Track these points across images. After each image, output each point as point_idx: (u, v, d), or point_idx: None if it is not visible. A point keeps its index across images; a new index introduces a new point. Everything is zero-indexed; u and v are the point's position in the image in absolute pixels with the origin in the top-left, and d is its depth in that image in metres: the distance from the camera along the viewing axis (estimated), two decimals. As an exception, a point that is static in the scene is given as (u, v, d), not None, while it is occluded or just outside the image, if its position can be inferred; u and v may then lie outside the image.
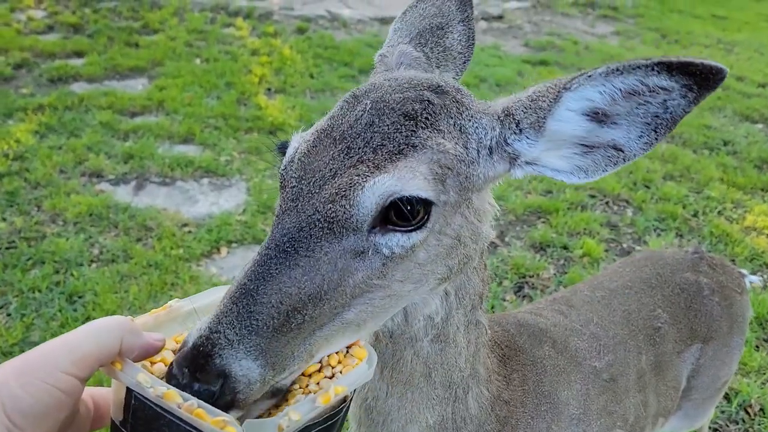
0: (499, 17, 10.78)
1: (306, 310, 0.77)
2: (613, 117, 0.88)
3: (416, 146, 0.84)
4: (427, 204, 0.83)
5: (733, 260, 4.14)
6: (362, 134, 0.84)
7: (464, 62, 1.19)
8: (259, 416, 0.80)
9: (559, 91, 0.88)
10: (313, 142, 0.87)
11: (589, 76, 0.85)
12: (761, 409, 2.96)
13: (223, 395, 0.72)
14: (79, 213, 4.03)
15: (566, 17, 11.52)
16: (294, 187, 0.83)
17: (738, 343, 2.00)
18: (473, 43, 1.20)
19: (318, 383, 0.83)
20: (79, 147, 4.82)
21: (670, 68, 0.80)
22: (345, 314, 0.82)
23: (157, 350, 0.78)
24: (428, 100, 0.88)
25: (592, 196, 4.83)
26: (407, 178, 0.81)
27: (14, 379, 0.64)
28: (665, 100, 0.83)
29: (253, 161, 4.96)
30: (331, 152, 0.84)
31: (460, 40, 1.19)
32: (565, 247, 4.13)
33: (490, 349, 1.25)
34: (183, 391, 0.71)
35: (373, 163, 0.82)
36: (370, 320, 0.87)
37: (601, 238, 4.25)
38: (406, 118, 0.86)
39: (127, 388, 0.73)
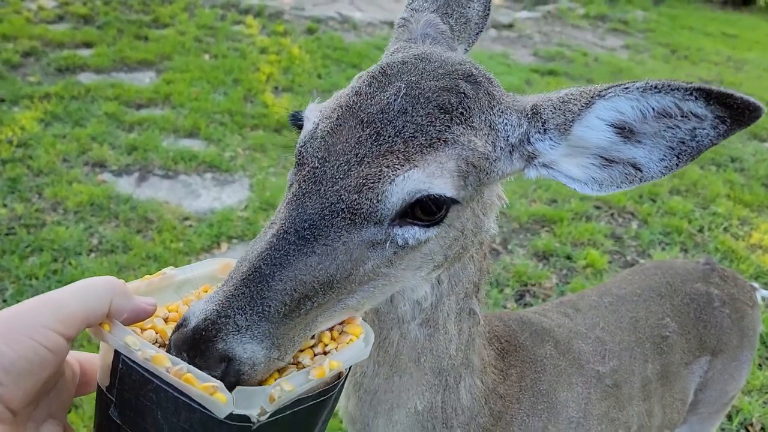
0: (510, 26, 10.77)
1: (316, 297, 0.75)
2: (638, 135, 0.85)
3: (448, 141, 0.81)
4: (449, 201, 0.81)
5: (738, 277, 4.09)
6: (394, 121, 0.80)
7: (478, 33, 1.16)
8: None
9: (592, 97, 0.86)
10: (337, 120, 0.82)
11: (626, 88, 0.83)
12: (762, 428, 2.92)
13: (227, 376, 0.69)
14: (80, 202, 4.00)
15: (576, 29, 11.51)
16: (316, 168, 0.79)
17: (747, 358, 1.96)
18: (489, 14, 1.17)
19: (312, 357, 0.80)
20: (83, 136, 4.79)
21: (708, 96, 0.78)
22: (348, 300, 0.80)
23: (148, 315, 0.75)
24: (464, 93, 0.85)
25: (598, 207, 4.79)
26: (436, 175, 0.79)
27: None
28: (695, 128, 0.81)
29: (257, 158, 4.93)
30: (358, 135, 0.80)
31: (478, 10, 1.15)
32: (568, 257, 4.09)
33: (488, 341, 1.22)
34: None
35: (404, 155, 0.78)
36: (367, 304, 0.85)
37: (605, 250, 4.21)
38: (442, 110, 0.82)
39: (115, 352, 0.69)
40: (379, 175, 0.77)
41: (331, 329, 0.84)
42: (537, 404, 1.33)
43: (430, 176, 0.78)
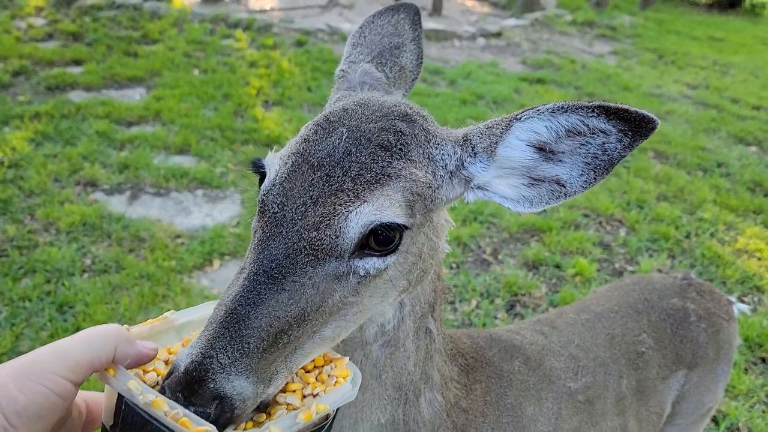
0: (498, 34, 10.86)
1: (291, 330, 0.81)
2: (558, 155, 0.94)
3: (392, 176, 0.88)
4: (401, 228, 0.88)
5: (724, 282, 4.15)
6: (340, 163, 0.87)
7: (413, 80, 1.25)
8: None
9: (510, 121, 0.95)
10: (292, 166, 0.89)
11: (538, 111, 0.92)
12: (749, 433, 2.97)
13: (223, 414, 0.75)
14: (73, 222, 4.03)
15: (564, 36, 11.62)
16: (276, 213, 0.85)
17: (724, 371, 2.00)
18: (422, 62, 1.26)
19: (302, 399, 0.85)
20: (74, 156, 4.83)
21: (608, 112, 0.87)
22: (323, 331, 0.86)
23: (150, 359, 0.81)
24: (401, 131, 0.93)
25: (586, 216, 4.85)
26: (385, 207, 0.86)
27: (11, 380, 0.67)
28: (604, 143, 0.90)
29: (248, 173, 4.96)
30: (311, 178, 0.87)
31: (411, 59, 1.24)
32: (557, 266, 4.14)
33: (450, 357, 1.28)
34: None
35: (353, 192, 0.85)
36: (342, 333, 0.91)
37: (594, 258, 4.27)
38: (382, 149, 0.90)
39: (119, 394, 0.75)
40: (333, 213, 0.83)
41: (319, 372, 0.90)
42: (502, 418, 1.38)
43: (379, 208, 0.85)
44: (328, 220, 0.83)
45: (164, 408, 0.72)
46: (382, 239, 0.86)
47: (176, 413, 0.72)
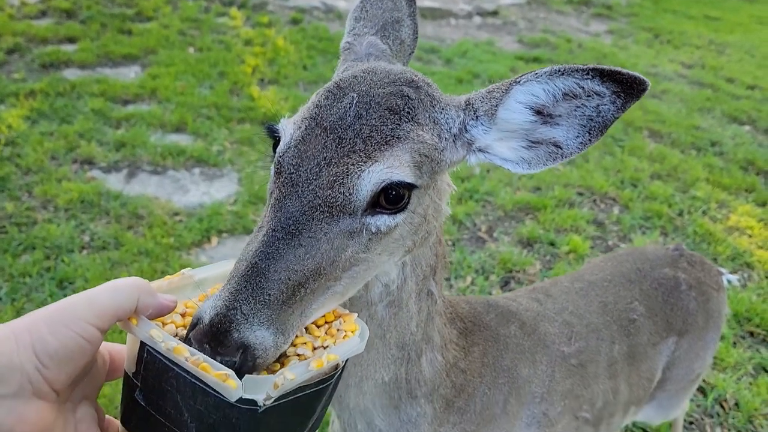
0: (494, 13, 10.81)
1: (308, 283, 0.85)
2: (555, 118, 0.98)
3: (400, 137, 0.93)
4: (410, 188, 0.93)
5: (715, 259, 4.22)
6: (352, 126, 0.92)
7: (410, 54, 1.30)
8: None
9: (510, 84, 1.00)
10: (305, 130, 0.94)
11: (536, 74, 0.97)
12: (736, 404, 3.04)
13: (245, 362, 0.79)
14: (71, 200, 4.05)
15: (560, 14, 11.57)
16: (292, 173, 0.90)
17: (713, 338, 2.07)
18: (417, 37, 1.32)
19: (313, 351, 0.89)
20: (70, 134, 4.83)
21: (602, 74, 0.92)
22: (336, 286, 0.91)
23: (170, 310, 0.86)
24: (408, 96, 0.97)
25: (580, 194, 4.89)
26: (395, 166, 0.90)
27: (44, 325, 0.72)
28: (598, 105, 0.94)
29: (245, 152, 4.98)
30: (324, 141, 0.91)
31: (409, 33, 1.29)
32: (551, 244, 4.19)
33: (449, 320, 1.33)
34: None
35: (365, 153, 0.90)
36: (352, 289, 0.96)
37: (587, 235, 4.32)
38: (391, 112, 0.94)
39: (141, 343, 0.79)
40: (347, 172, 0.88)
41: (329, 327, 0.94)
42: (498, 378, 1.44)
43: (389, 167, 0.90)
44: (342, 179, 0.88)
45: (185, 354, 0.76)
46: (392, 197, 0.91)
47: (196, 359, 0.76)
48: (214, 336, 0.78)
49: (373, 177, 0.89)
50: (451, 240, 4.15)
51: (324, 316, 0.95)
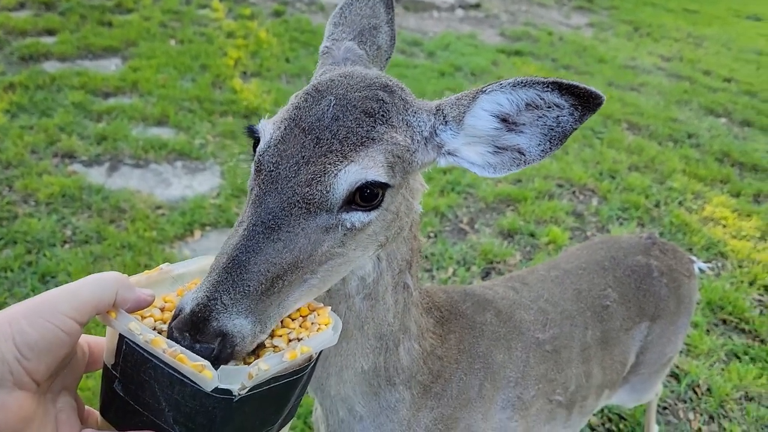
0: (476, 5, 10.85)
1: (285, 276, 0.90)
2: (519, 126, 1.05)
3: (375, 139, 0.98)
4: (384, 187, 0.98)
5: (690, 249, 4.31)
6: (329, 127, 0.96)
7: (387, 59, 1.35)
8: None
9: (477, 93, 1.05)
10: (285, 130, 0.98)
11: (501, 84, 1.02)
12: (708, 389, 3.13)
13: (224, 350, 0.83)
14: (52, 194, 4.03)
15: (542, 7, 11.64)
16: (271, 171, 0.94)
17: (684, 323, 2.14)
18: (395, 43, 1.36)
19: (287, 343, 0.93)
20: (51, 127, 4.79)
21: (561, 88, 0.98)
22: (312, 279, 0.95)
23: (148, 304, 0.88)
24: (382, 99, 1.02)
25: (560, 186, 4.97)
26: (370, 166, 0.95)
27: (24, 317, 0.75)
28: (558, 116, 1.00)
29: (227, 145, 4.98)
30: (302, 141, 0.95)
31: (386, 39, 1.35)
32: (532, 235, 4.26)
33: (426, 310, 1.39)
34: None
35: (341, 153, 0.94)
36: (328, 282, 1.00)
37: (567, 227, 4.39)
38: (366, 115, 0.99)
39: (120, 335, 0.82)
40: (324, 171, 0.92)
41: (303, 320, 0.97)
42: (474, 364, 1.49)
43: (365, 168, 0.94)
44: (320, 177, 0.92)
45: (163, 346, 0.79)
46: (366, 196, 0.96)
47: (174, 350, 0.79)
48: (194, 324, 0.82)
49: (349, 176, 0.93)
50: (433, 232, 4.20)
51: (299, 309, 0.98)
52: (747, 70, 8.93)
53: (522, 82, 1.00)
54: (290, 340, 0.93)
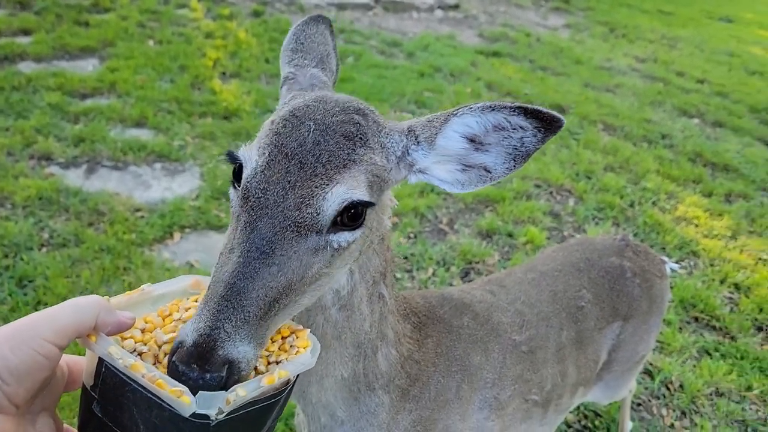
0: (455, 6, 10.93)
1: (281, 299, 0.92)
2: (486, 146, 1.12)
3: (356, 161, 1.03)
4: (367, 205, 1.02)
5: (663, 248, 4.41)
6: (311, 151, 1.00)
7: (334, 83, 1.41)
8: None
9: (448, 116, 1.12)
10: (269, 156, 1.01)
11: (471, 108, 1.09)
12: (681, 386, 3.22)
13: (231, 377, 0.84)
14: (28, 196, 3.99)
15: (520, 8, 11.76)
16: (260, 198, 0.96)
17: (656, 322, 2.20)
18: (339, 67, 1.44)
19: (267, 365, 0.95)
20: (27, 129, 4.74)
21: (525, 112, 1.05)
22: (302, 299, 0.99)
23: (128, 327, 0.89)
24: (359, 123, 1.07)
25: (538, 186, 5.04)
26: (354, 187, 1.00)
27: (4, 342, 0.76)
28: (522, 137, 1.08)
29: (207, 146, 4.97)
30: (286, 166, 0.98)
31: (335, 64, 1.42)
32: (510, 235, 4.32)
33: (402, 316, 1.44)
34: (194, 384, 0.81)
35: (326, 176, 0.98)
36: (313, 299, 1.04)
37: (544, 227, 4.47)
38: (346, 138, 1.04)
39: (99, 358, 0.83)
40: (312, 194, 0.96)
41: (282, 342, 1.00)
42: (451, 367, 1.54)
43: (350, 189, 0.99)
44: (308, 200, 0.95)
45: (142, 371, 0.80)
46: (351, 215, 1.00)
47: (152, 376, 0.80)
48: (200, 356, 0.83)
49: (336, 198, 0.97)
50: (413, 232, 4.24)
51: (279, 330, 1.01)
52: (719, 71, 9.12)
53: (490, 107, 1.07)
54: (269, 363, 0.96)
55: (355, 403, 1.36)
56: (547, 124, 1.05)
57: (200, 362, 0.82)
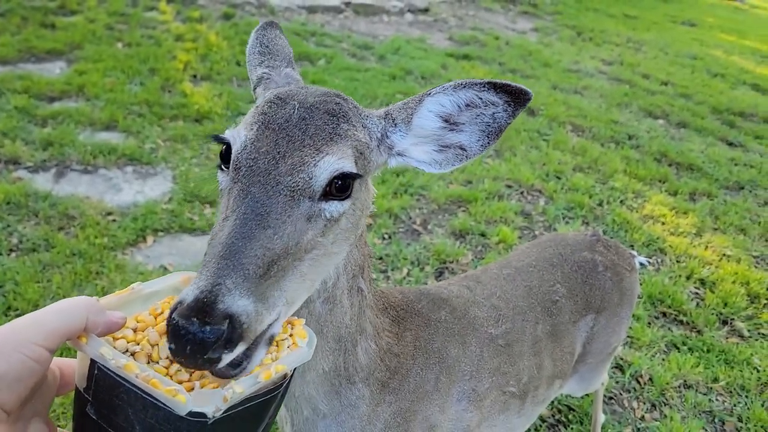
0: (425, 10, 11.02)
1: (279, 260, 0.94)
2: (460, 125, 1.17)
3: (341, 135, 1.07)
4: (354, 177, 1.06)
5: (632, 246, 4.52)
6: (298, 125, 1.04)
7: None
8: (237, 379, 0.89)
9: (422, 96, 1.18)
10: (257, 131, 1.05)
11: (443, 87, 1.15)
12: (650, 379, 3.31)
13: (234, 331, 0.83)
14: (-4, 201, 3.91)
15: (489, 12, 11.91)
16: (251, 166, 1.00)
17: (626, 314, 2.27)
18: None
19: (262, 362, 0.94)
20: (-7, 132, 4.65)
21: (495, 87, 1.11)
22: (301, 266, 0.99)
23: (119, 327, 0.88)
24: (340, 103, 1.12)
25: (509, 186, 5.12)
26: (343, 158, 1.04)
27: None
28: (494, 113, 1.13)
29: (179, 149, 4.93)
30: (275, 139, 1.03)
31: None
32: (482, 235, 4.38)
33: (381, 310, 1.47)
34: (195, 338, 0.79)
35: (315, 147, 1.03)
36: (316, 275, 1.06)
37: (516, 226, 4.54)
38: (329, 114, 1.08)
39: (91, 360, 0.82)
40: (303, 161, 1.00)
41: (280, 335, 0.99)
42: (429, 360, 1.57)
43: (340, 159, 1.03)
44: (300, 167, 0.99)
45: (135, 371, 0.79)
46: (340, 186, 1.04)
47: (146, 375, 0.78)
48: (200, 309, 0.82)
49: (328, 166, 1.01)
50: (388, 233, 4.27)
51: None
52: (682, 73, 9.37)
53: (461, 84, 1.13)
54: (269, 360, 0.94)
55: (336, 396, 1.38)
56: (515, 97, 1.10)
57: (200, 315, 0.81)
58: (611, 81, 8.56)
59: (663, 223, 4.90)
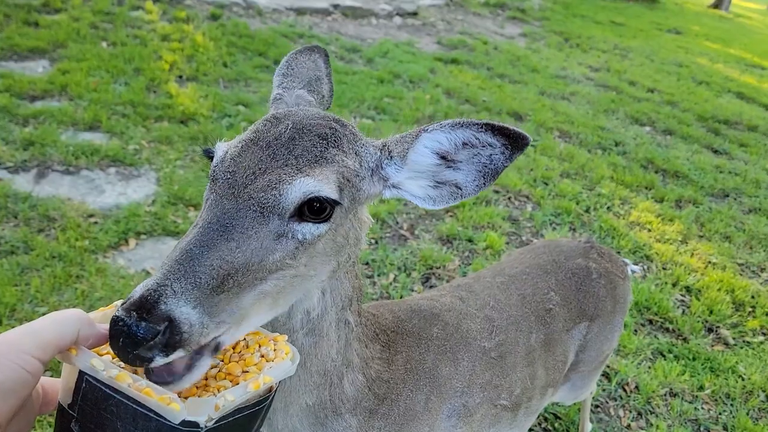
0: (414, 14, 11.01)
1: (237, 276, 0.91)
2: (457, 163, 1.15)
3: (328, 159, 1.05)
4: (333, 204, 1.03)
5: (618, 252, 4.52)
6: (286, 145, 1.03)
7: (327, 107, 1.45)
8: (188, 395, 0.88)
9: (419, 132, 1.15)
10: (242, 147, 1.04)
11: (441, 125, 1.12)
12: (636, 387, 3.30)
13: (172, 336, 0.82)
14: (-26, 201, 3.82)
15: (477, 17, 11.94)
16: (228, 179, 0.99)
17: (619, 322, 2.25)
18: (332, 94, 1.49)
19: (246, 372, 0.93)
20: (-28, 131, 4.55)
21: (493, 129, 1.08)
22: (263, 285, 0.96)
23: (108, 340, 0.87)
24: (335, 128, 1.11)
25: (496, 192, 5.11)
26: (323, 182, 1.01)
27: None
28: (491, 154, 1.10)
29: (163, 151, 4.86)
30: (259, 155, 1.02)
31: (327, 89, 1.47)
32: (470, 240, 4.36)
33: (370, 339, 1.44)
34: (129, 331, 0.79)
35: (297, 167, 1.01)
36: (281, 296, 1.02)
37: (503, 232, 4.52)
38: (320, 138, 1.07)
39: (79, 373, 0.80)
40: (279, 179, 0.98)
41: (262, 351, 0.98)
42: (420, 381, 1.53)
43: (318, 182, 1.01)
44: (275, 184, 0.97)
45: (128, 381, 0.78)
46: (316, 209, 1.01)
47: (139, 385, 0.78)
48: (142, 305, 0.81)
49: (303, 187, 0.99)
50: (374, 238, 4.24)
51: (259, 341, 1.00)
52: (668, 81, 9.45)
53: (459, 123, 1.10)
54: (245, 371, 0.94)
55: (321, 428, 1.34)
56: (513, 141, 1.07)
57: (140, 311, 0.81)
58: (598, 87, 8.60)
59: (649, 230, 4.91)
